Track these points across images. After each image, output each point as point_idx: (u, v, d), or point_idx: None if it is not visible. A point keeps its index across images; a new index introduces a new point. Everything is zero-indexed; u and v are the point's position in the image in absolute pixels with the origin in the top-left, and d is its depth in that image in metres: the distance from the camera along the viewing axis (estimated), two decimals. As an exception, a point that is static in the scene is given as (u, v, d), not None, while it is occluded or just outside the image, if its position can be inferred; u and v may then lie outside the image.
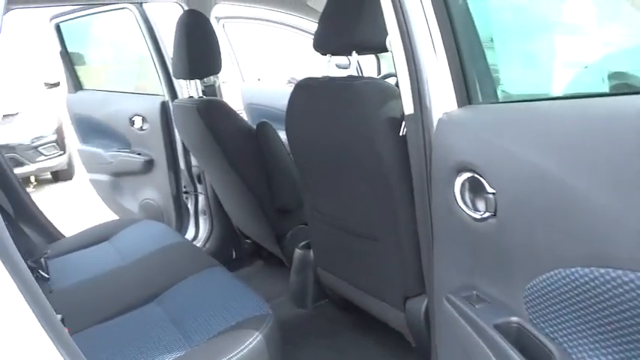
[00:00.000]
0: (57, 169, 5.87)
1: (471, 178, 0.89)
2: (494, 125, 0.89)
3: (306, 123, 1.47)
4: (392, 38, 1.12)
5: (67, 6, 2.44)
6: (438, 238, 1.04)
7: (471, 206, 0.91)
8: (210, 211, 2.47)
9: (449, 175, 0.94)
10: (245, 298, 1.33)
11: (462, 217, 0.92)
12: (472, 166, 0.88)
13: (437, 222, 1.02)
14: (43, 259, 1.67)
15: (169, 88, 2.37)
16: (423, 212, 1.09)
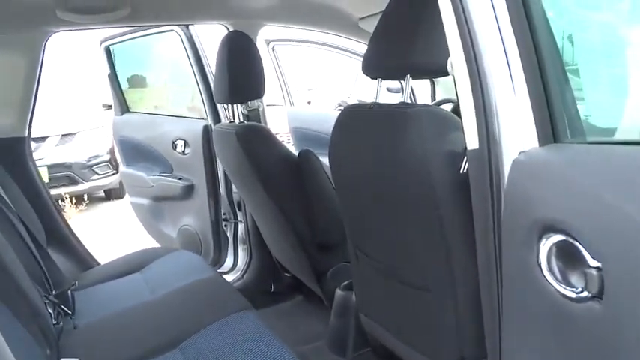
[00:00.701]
0: (109, 188, 6.00)
1: (562, 242, 0.69)
2: (595, 173, 0.69)
3: (350, 153, 1.31)
4: (455, 60, 0.95)
5: (113, 28, 2.42)
6: (509, 308, 0.83)
7: (561, 279, 0.71)
8: (249, 240, 2.36)
9: (529, 235, 0.74)
10: (272, 350, 1.19)
11: (546, 291, 0.72)
12: (564, 226, 0.68)
13: (509, 289, 0.82)
14: (69, 292, 1.59)
15: (212, 111, 2.30)
16: (487, 271, 0.89)
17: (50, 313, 1.40)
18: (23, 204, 1.77)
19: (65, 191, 5.36)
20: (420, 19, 1.11)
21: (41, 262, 1.59)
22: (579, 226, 0.66)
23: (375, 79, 1.31)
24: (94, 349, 1.35)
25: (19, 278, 1.20)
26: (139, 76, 3.26)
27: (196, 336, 1.30)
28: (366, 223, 1.38)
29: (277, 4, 2.01)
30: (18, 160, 1.95)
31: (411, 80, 1.19)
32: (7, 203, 1.58)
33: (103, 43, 2.59)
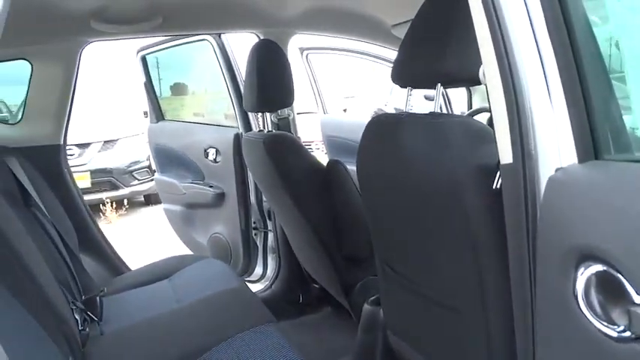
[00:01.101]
0: (148, 193, 6.13)
1: (603, 273, 0.62)
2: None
3: (378, 165, 1.26)
4: (487, 68, 0.89)
5: (148, 38, 2.46)
6: (544, 340, 0.76)
7: (601, 314, 0.63)
8: (278, 250, 2.33)
9: (565, 262, 0.67)
10: None
11: (583, 326, 0.64)
12: (604, 255, 0.61)
13: (543, 319, 0.75)
14: (98, 298, 1.60)
15: (243, 120, 2.29)
16: (521, 297, 0.82)
17: (77, 319, 1.41)
18: (57, 210, 1.80)
19: (106, 196, 5.53)
20: (451, 26, 1.05)
21: (72, 267, 1.61)
22: (622, 256, 0.59)
23: (405, 87, 1.26)
24: (118, 357, 1.35)
25: (44, 285, 1.21)
26: (181, 84, 3.32)
27: (217, 348, 1.29)
28: (394, 238, 1.32)
29: (308, 12, 1.99)
30: (53, 166, 2.00)
31: (442, 89, 1.13)
32: (41, 209, 1.61)
33: (140, 52, 2.64)
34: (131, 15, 1.74)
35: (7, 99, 2.46)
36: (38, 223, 1.57)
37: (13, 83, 2.04)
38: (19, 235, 1.23)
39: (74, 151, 5.51)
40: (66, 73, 1.97)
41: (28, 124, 2.01)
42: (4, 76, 2.11)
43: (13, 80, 2.05)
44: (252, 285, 2.38)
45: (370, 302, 1.65)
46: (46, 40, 1.88)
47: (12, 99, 2.07)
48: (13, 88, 2.05)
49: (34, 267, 1.19)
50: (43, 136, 2.00)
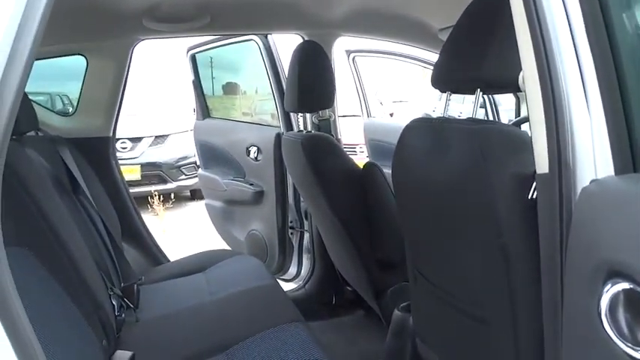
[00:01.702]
0: (194, 188, 6.28)
1: (630, 291, 0.59)
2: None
3: (412, 169, 1.25)
4: (527, 75, 0.86)
5: (195, 37, 2.52)
6: (570, 356, 0.73)
7: (629, 335, 0.60)
8: (313, 250, 2.34)
9: (592, 277, 0.64)
10: None
11: (608, 347, 0.61)
12: (632, 272, 0.58)
13: (570, 336, 0.72)
14: (136, 286, 1.66)
15: (285, 120, 2.32)
16: (553, 312, 0.79)
17: (114, 305, 1.47)
18: (103, 200, 1.88)
19: (154, 189, 5.71)
20: (493, 31, 1.02)
21: (113, 255, 1.68)
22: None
23: (444, 92, 1.24)
24: (150, 344, 1.40)
25: (85, 270, 1.27)
26: (233, 84, 3.39)
27: (244, 343, 1.31)
28: (426, 245, 1.30)
29: (353, 14, 1.99)
30: (102, 158, 2.09)
31: (480, 95, 1.10)
32: (87, 198, 1.69)
33: (189, 51, 2.71)
34: (181, 14, 1.80)
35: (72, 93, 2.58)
36: (84, 211, 1.65)
37: (78, 78, 2.15)
38: (64, 221, 1.30)
39: (127, 144, 5.73)
40: (118, 69, 2.06)
41: (81, 116, 2.11)
42: (70, 70, 2.22)
43: (78, 75, 2.15)
44: (285, 284, 2.41)
45: (401, 308, 1.63)
46: (101, 37, 1.97)
47: (76, 93, 2.17)
48: (78, 83, 2.15)
49: (75, 252, 1.25)
50: (94, 129, 2.09)
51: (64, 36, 1.88)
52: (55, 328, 1.00)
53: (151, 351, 1.35)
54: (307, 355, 1.22)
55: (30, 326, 0.64)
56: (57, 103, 3.36)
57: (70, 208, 1.48)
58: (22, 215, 1.10)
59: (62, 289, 1.11)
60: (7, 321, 0.61)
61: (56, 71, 2.32)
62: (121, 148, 5.60)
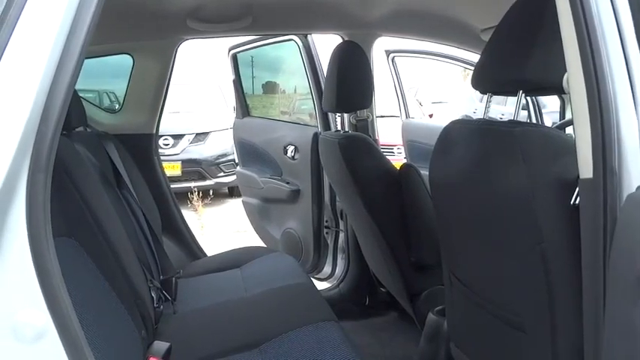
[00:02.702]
0: (232, 185, 6.37)
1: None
2: None
3: (450, 171, 1.23)
4: (571, 76, 0.84)
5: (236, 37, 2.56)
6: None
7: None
8: (348, 250, 2.34)
9: (635, 287, 0.62)
10: None
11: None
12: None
13: (611, 346, 0.69)
14: (174, 279, 1.70)
15: (323, 119, 2.33)
16: (593, 322, 0.76)
17: (153, 296, 1.51)
18: (145, 194, 1.94)
19: (194, 185, 5.83)
20: (537, 31, 1.00)
21: (153, 248, 1.73)
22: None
23: (485, 93, 1.22)
24: (187, 336, 1.43)
25: (126, 261, 1.31)
26: (272, 83, 3.44)
27: (277, 339, 1.32)
28: (462, 248, 1.28)
29: (393, 14, 1.97)
30: (145, 154, 2.16)
31: (523, 96, 1.08)
32: (130, 191, 1.75)
33: (231, 50, 2.76)
34: (224, 15, 1.83)
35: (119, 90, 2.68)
36: (127, 205, 1.70)
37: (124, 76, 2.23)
38: (109, 213, 1.34)
39: (169, 141, 5.88)
40: (162, 68, 2.12)
41: (126, 113, 2.19)
42: (117, 69, 2.31)
43: (124, 73, 2.23)
44: (319, 283, 2.41)
45: (435, 312, 1.62)
46: (146, 37, 2.04)
47: (122, 91, 2.25)
48: (124, 81, 2.23)
49: (118, 244, 1.30)
50: (138, 125, 2.16)
51: (112, 36, 1.95)
52: (97, 315, 1.04)
53: (186, 343, 1.38)
54: (339, 353, 1.22)
55: (74, 312, 0.67)
56: (104, 100, 3.50)
57: (114, 202, 1.53)
58: (69, 207, 1.15)
59: (105, 279, 1.15)
60: (53, 306, 0.65)
61: (104, 69, 2.41)
62: (163, 144, 5.75)
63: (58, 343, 0.65)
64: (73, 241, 1.09)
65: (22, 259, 0.62)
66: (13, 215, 0.62)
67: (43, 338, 0.64)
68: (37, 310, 0.63)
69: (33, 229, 0.62)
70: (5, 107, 0.62)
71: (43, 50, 0.65)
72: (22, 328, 0.63)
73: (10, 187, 0.61)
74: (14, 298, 0.63)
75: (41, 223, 0.63)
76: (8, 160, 0.60)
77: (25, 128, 0.61)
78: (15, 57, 0.64)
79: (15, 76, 0.64)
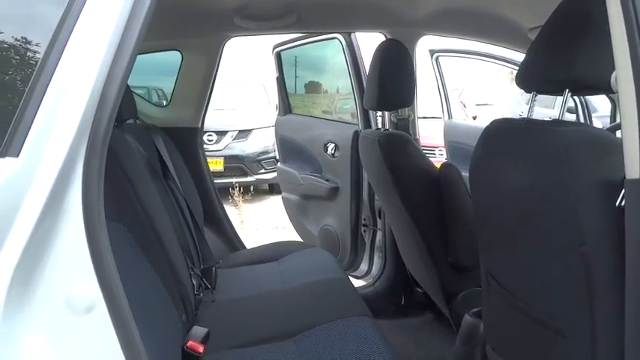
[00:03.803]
0: (273, 182, 6.46)
1: None
2: None
3: (490, 172, 1.21)
4: (620, 74, 0.82)
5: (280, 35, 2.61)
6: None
7: None
8: (385, 249, 2.34)
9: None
10: (379, 356, 1.16)
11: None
12: None
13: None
14: (214, 269, 1.76)
15: (364, 118, 2.34)
16: (636, 328, 0.74)
17: (193, 284, 1.57)
18: (189, 186, 2.01)
19: (235, 181, 5.95)
20: (585, 30, 0.98)
21: (195, 238, 1.79)
22: None
23: (530, 92, 1.20)
24: (224, 324, 1.47)
25: (170, 248, 1.37)
26: (315, 83, 3.47)
27: (312, 331, 1.34)
28: (501, 249, 1.26)
29: (438, 13, 1.96)
30: (190, 147, 2.23)
31: (569, 96, 1.05)
32: (175, 183, 1.82)
33: (275, 48, 2.81)
34: (269, 12, 1.87)
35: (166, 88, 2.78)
36: (172, 195, 1.77)
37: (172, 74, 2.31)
38: (154, 202, 1.41)
39: (213, 137, 6.02)
40: (209, 65, 2.19)
41: (174, 107, 2.27)
42: (165, 67, 2.40)
43: (172, 71, 2.31)
44: (355, 281, 2.42)
45: (472, 314, 1.59)
46: (195, 34, 2.10)
47: (169, 88, 2.34)
48: (171, 79, 2.32)
49: (162, 231, 1.36)
50: (185, 119, 2.24)
51: (163, 32, 2.03)
52: (141, 296, 1.09)
53: (224, 330, 1.42)
54: (373, 347, 1.23)
55: (122, 288, 0.72)
56: (153, 96, 3.63)
57: (160, 192, 1.59)
58: (119, 193, 1.21)
59: (149, 263, 1.21)
60: (103, 281, 0.69)
61: (153, 67, 2.50)
62: (207, 140, 5.89)
63: (106, 316, 0.69)
64: (122, 226, 1.14)
65: (77, 237, 0.67)
66: (71, 196, 0.66)
67: (94, 310, 0.69)
68: (88, 283, 0.68)
69: (87, 209, 0.67)
70: (66, 94, 0.67)
71: (101, 43, 0.69)
72: (75, 300, 0.68)
73: (68, 169, 0.65)
74: (69, 271, 0.68)
75: (95, 204, 0.67)
76: (68, 143, 0.65)
77: (84, 114, 0.66)
78: (77, 49, 0.69)
79: (76, 66, 0.68)
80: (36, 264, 0.66)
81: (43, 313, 0.67)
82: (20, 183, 0.63)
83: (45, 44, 0.67)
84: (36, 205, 0.64)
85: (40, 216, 0.64)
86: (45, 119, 0.65)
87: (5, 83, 0.70)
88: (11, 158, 0.63)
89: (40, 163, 0.64)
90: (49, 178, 0.64)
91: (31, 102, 0.65)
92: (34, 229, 0.64)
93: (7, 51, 0.70)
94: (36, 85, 0.66)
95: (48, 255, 0.66)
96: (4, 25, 0.70)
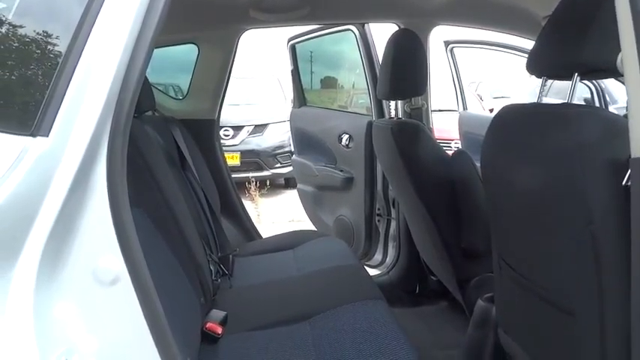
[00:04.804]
0: (288, 177, 6.51)
1: None
2: None
3: (501, 156, 1.23)
4: (625, 55, 0.83)
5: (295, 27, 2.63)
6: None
7: None
8: (399, 238, 2.36)
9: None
10: (395, 341, 1.19)
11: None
12: None
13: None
14: (230, 256, 1.80)
15: (377, 108, 2.36)
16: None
17: (211, 270, 1.62)
18: (206, 176, 2.06)
19: (252, 175, 6.01)
20: (593, 15, 0.99)
21: (212, 226, 1.84)
22: None
23: (540, 77, 1.21)
24: (241, 308, 1.52)
25: (189, 235, 1.42)
26: (331, 78, 3.50)
27: (326, 313, 1.37)
28: (512, 233, 1.28)
29: (451, 2, 1.97)
30: (207, 138, 2.28)
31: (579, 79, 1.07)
32: (193, 173, 1.86)
33: (290, 41, 2.84)
34: (283, 4, 1.91)
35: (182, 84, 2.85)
36: (189, 185, 1.82)
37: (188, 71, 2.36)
38: (173, 190, 1.45)
39: (229, 132, 6.08)
40: (225, 57, 2.23)
41: (191, 99, 2.32)
42: (181, 64, 2.45)
43: (188, 68, 2.36)
44: (370, 270, 2.44)
45: (485, 299, 1.61)
46: (211, 26, 2.15)
47: (185, 84, 2.40)
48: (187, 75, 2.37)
49: (182, 219, 1.41)
50: (201, 111, 2.29)
51: (180, 26, 2.08)
52: (162, 278, 1.13)
53: (241, 314, 1.46)
54: (386, 328, 1.26)
55: (144, 262, 0.76)
56: (170, 92, 3.70)
57: (178, 181, 1.64)
58: (139, 181, 1.25)
59: (168, 248, 1.25)
60: (127, 254, 0.73)
61: (170, 65, 2.56)
62: (224, 135, 5.95)
63: (130, 288, 0.73)
64: (142, 211, 1.19)
65: (102, 212, 0.72)
66: (97, 173, 0.71)
67: (119, 282, 0.73)
68: (114, 256, 0.72)
69: (111, 185, 0.71)
70: (92, 78, 0.71)
71: (123, 29, 0.73)
72: (101, 272, 0.73)
73: (94, 147, 0.70)
74: (95, 245, 0.72)
75: (118, 181, 0.72)
76: (93, 123, 0.69)
77: (108, 96, 0.70)
78: (101, 35, 0.73)
79: (100, 51, 0.72)
80: (65, 238, 0.71)
81: (72, 285, 0.71)
82: (50, 161, 0.68)
83: (71, 32, 0.71)
84: (65, 181, 0.68)
85: (68, 192, 0.68)
86: (72, 101, 0.69)
87: (36, 69, 0.74)
88: (42, 138, 0.68)
89: (68, 141, 0.68)
90: (77, 156, 0.68)
91: (59, 86, 0.69)
92: (63, 205, 0.68)
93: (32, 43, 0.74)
94: (63, 71, 0.70)
95: (76, 229, 0.71)
96: (34, 15, 0.74)
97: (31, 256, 0.68)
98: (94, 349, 0.72)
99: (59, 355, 0.68)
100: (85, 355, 0.70)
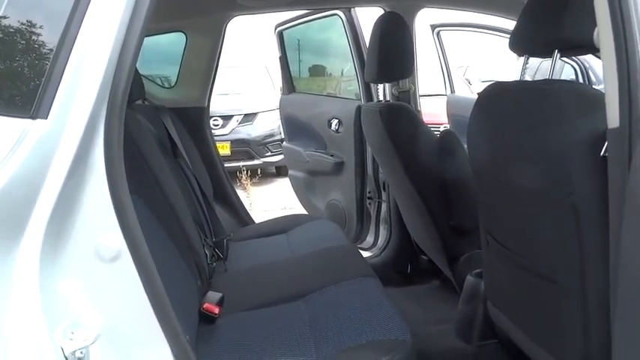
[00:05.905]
0: (279, 165, 6.52)
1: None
2: None
3: (485, 134, 1.27)
4: (601, 31, 0.87)
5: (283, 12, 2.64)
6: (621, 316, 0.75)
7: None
8: (390, 220, 2.40)
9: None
10: (388, 317, 1.22)
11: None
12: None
13: (624, 284, 0.74)
14: (225, 241, 1.83)
15: (366, 92, 2.38)
16: (617, 269, 0.81)
17: (207, 254, 1.65)
18: (199, 164, 2.08)
19: (243, 164, 6.02)
20: None
21: (206, 212, 1.86)
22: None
23: (522, 56, 1.25)
24: (237, 290, 1.55)
25: (184, 221, 1.45)
26: (319, 66, 3.51)
27: (321, 291, 1.41)
28: (497, 207, 1.32)
29: (436, -16, 1.99)
30: (198, 126, 2.29)
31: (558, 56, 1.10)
32: (185, 160, 1.88)
33: (277, 28, 2.85)
34: (269, -10, 1.92)
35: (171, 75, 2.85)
36: (182, 172, 1.84)
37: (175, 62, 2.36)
38: (167, 176, 1.47)
39: (219, 121, 6.06)
40: (213, 44, 2.24)
41: (180, 88, 2.33)
42: (169, 55, 2.45)
43: (175, 60, 2.36)
44: (362, 252, 2.49)
45: (474, 274, 1.66)
46: (198, 14, 2.15)
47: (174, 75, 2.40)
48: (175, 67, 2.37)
49: (177, 205, 1.43)
50: (191, 99, 2.30)
51: (167, 14, 2.08)
52: (161, 261, 1.16)
53: (237, 295, 1.49)
54: (379, 303, 1.29)
55: (144, 239, 0.79)
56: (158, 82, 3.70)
57: (171, 168, 1.66)
58: (134, 168, 1.27)
59: (166, 233, 1.28)
60: (127, 232, 0.76)
61: (156, 56, 2.55)
62: (213, 125, 5.93)
63: (131, 264, 0.76)
64: (138, 197, 1.21)
65: (101, 191, 0.74)
66: (95, 153, 0.73)
67: (119, 259, 0.76)
68: (114, 234, 0.75)
69: (109, 165, 0.74)
70: (87, 62, 0.73)
71: (115, 14, 0.75)
72: (102, 250, 0.75)
73: (91, 128, 0.72)
74: (96, 223, 0.75)
75: (116, 161, 0.74)
76: (90, 105, 0.72)
77: (103, 79, 0.72)
78: (94, 20, 0.75)
79: (95, 36, 0.74)
80: (66, 217, 0.73)
81: (75, 262, 0.74)
82: (50, 142, 0.70)
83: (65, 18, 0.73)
84: (65, 162, 0.71)
85: (68, 173, 0.71)
86: (69, 85, 0.71)
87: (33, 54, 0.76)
88: (41, 120, 0.70)
89: (66, 123, 0.71)
90: (76, 137, 0.71)
91: (55, 70, 0.71)
92: (64, 185, 0.71)
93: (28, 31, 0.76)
94: (59, 55, 0.72)
95: (77, 209, 0.74)
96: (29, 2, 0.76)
97: (35, 235, 0.71)
98: (99, 323, 0.75)
99: (65, 329, 0.71)
100: (90, 328, 0.73)
